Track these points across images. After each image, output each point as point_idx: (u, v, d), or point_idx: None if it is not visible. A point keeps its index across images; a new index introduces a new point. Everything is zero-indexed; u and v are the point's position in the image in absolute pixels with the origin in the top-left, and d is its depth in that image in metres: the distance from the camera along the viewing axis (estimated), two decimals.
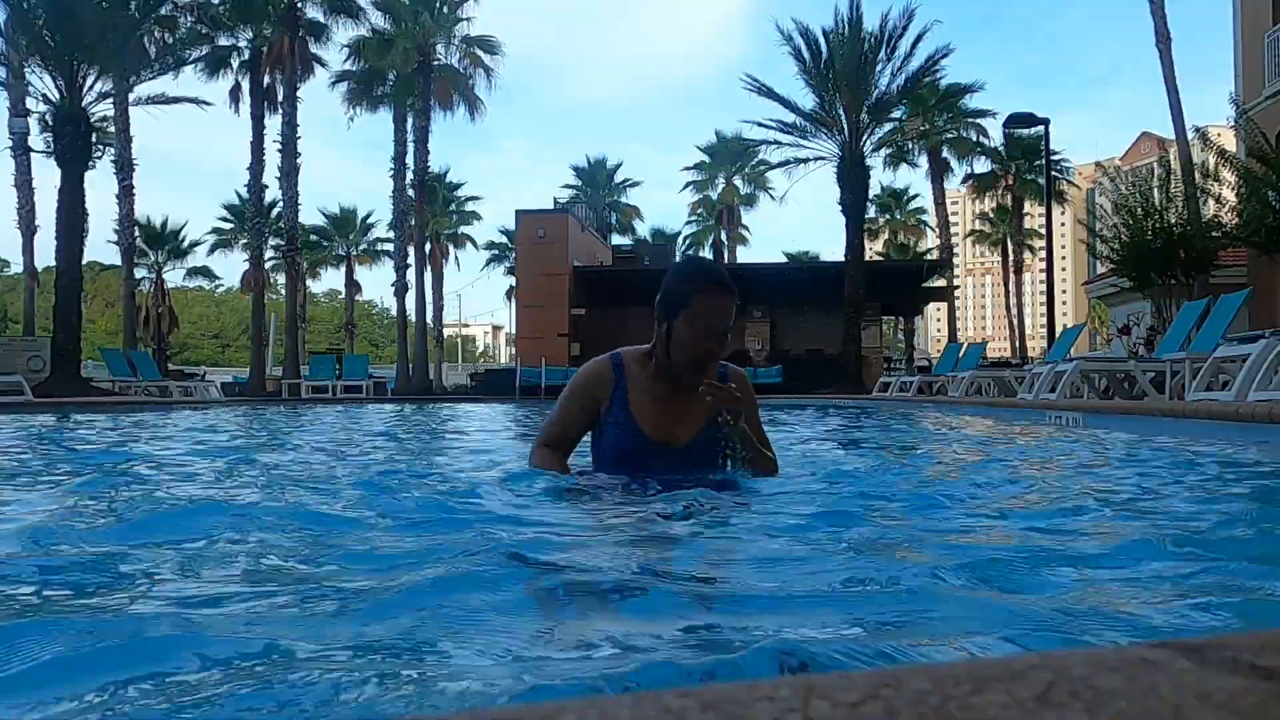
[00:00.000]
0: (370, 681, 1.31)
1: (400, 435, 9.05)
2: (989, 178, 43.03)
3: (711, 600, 1.72)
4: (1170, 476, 4.19)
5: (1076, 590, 1.84)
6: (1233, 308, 9.66)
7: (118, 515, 3.18)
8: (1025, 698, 0.50)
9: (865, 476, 4.00)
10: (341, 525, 2.75)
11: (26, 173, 26.61)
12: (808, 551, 2.20)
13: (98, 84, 20.87)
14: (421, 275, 33.26)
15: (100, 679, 1.40)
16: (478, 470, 4.35)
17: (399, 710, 1.20)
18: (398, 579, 1.94)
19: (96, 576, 2.20)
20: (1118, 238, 18.94)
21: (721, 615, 1.59)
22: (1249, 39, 20.10)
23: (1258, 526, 2.66)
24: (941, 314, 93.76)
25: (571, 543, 2.31)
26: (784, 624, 1.50)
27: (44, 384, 18.27)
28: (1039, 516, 2.87)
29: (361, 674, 1.35)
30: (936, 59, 25.40)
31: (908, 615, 1.62)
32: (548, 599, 1.74)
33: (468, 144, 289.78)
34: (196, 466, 5.05)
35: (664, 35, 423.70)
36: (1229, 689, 0.52)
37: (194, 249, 41.58)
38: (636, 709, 0.50)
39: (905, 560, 2.21)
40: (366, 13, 29.90)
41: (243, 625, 1.71)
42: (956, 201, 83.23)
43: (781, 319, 31.59)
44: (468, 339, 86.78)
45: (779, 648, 1.26)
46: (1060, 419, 8.97)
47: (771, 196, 48.85)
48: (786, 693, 0.51)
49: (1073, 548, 2.34)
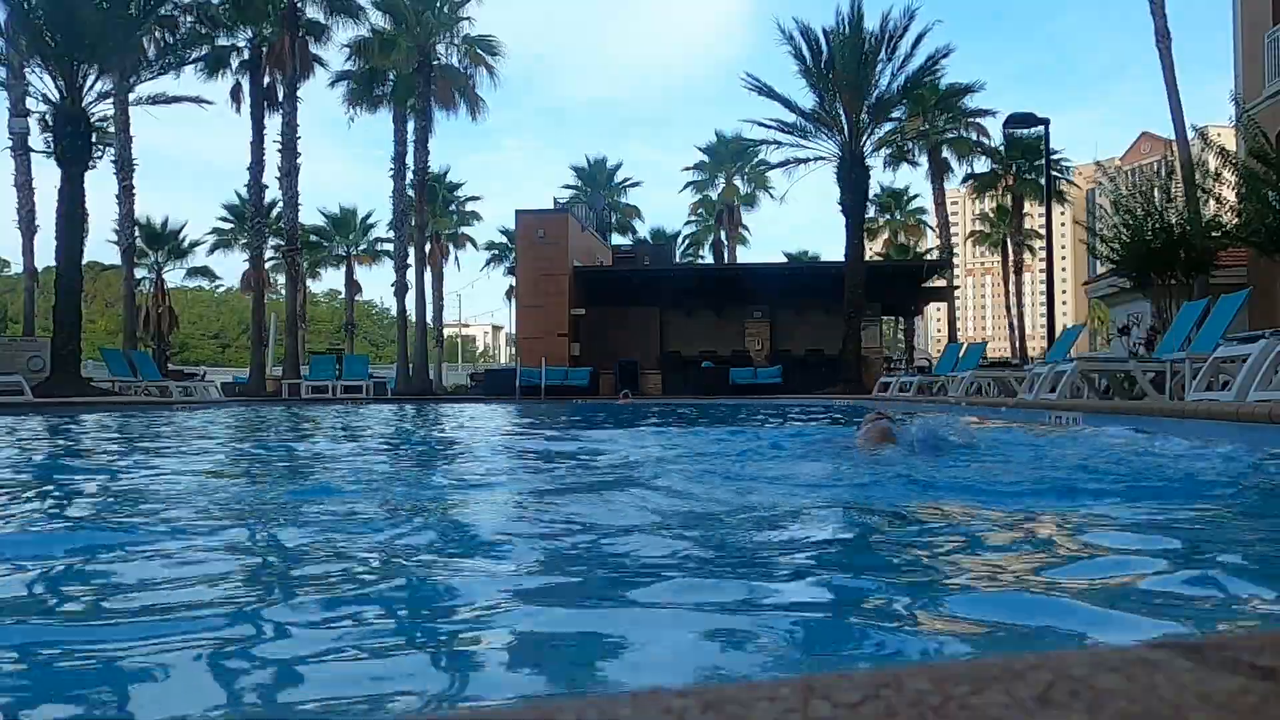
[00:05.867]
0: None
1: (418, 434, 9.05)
2: (989, 178, 43.00)
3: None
4: (1170, 477, 4.19)
5: (1076, 590, 1.84)
6: (1233, 308, 9.65)
7: (115, 514, 3.18)
8: (1025, 698, 0.50)
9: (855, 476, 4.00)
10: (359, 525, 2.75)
11: (26, 173, 26.59)
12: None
13: (98, 84, 20.84)
14: (421, 275, 33.24)
15: (98, 677, 1.40)
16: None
17: (399, 710, 1.20)
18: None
19: (88, 573, 2.20)
20: (1118, 238, 18.93)
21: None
22: (1249, 39, 20.08)
23: (1257, 526, 2.66)
24: (941, 314, 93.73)
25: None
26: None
27: (44, 384, 18.26)
28: (1038, 517, 2.87)
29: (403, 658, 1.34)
30: (937, 59, 25.39)
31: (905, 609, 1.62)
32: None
33: (468, 144, 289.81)
34: (198, 465, 5.05)
35: (664, 34, 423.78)
36: (1229, 689, 0.52)
37: (194, 249, 41.53)
38: (636, 709, 0.50)
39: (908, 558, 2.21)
40: (367, 12, 29.92)
41: (241, 623, 1.71)
42: (956, 201, 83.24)
43: (781, 319, 31.58)
44: (468, 339, 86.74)
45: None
46: (1060, 419, 8.96)
47: (771, 196, 48.81)
48: (786, 693, 0.51)
49: (1072, 548, 2.34)
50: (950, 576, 2.08)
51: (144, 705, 1.32)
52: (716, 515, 3.08)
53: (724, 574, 2.13)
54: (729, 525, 2.91)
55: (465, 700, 1.28)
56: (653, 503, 3.37)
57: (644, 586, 1.99)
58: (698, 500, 3.46)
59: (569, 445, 7.16)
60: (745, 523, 2.95)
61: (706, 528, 2.85)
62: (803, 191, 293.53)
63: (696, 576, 2.09)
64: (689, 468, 4.82)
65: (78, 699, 1.34)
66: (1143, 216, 18.35)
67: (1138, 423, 7.42)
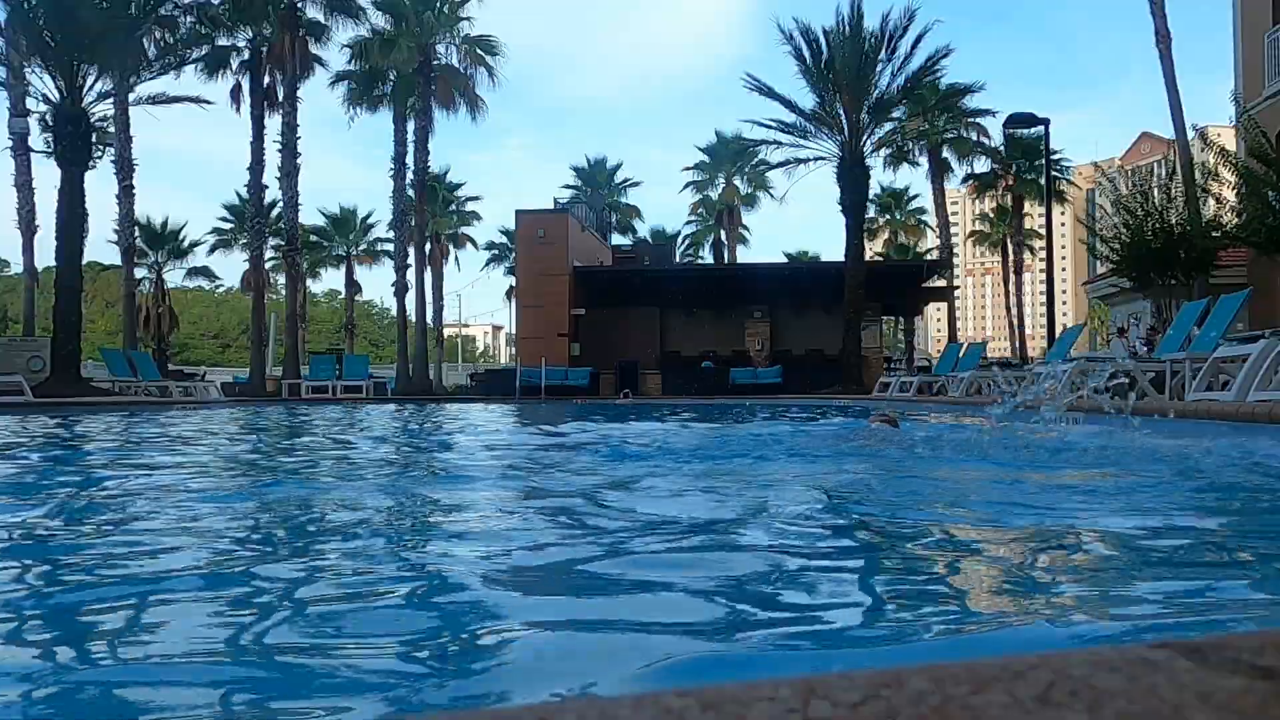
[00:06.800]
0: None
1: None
2: (989, 178, 43.01)
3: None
4: (1170, 477, 4.18)
5: (1075, 590, 1.84)
6: (1233, 308, 9.66)
7: (115, 512, 3.18)
8: (1025, 698, 0.50)
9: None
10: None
11: (26, 173, 26.58)
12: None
13: (98, 84, 20.85)
14: (421, 275, 33.24)
15: (97, 673, 1.40)
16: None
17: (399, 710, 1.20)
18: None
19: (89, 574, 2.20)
20: (1118, 238, 18.94)
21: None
22: (1249, 39, 20.08)
23: (1256, 526, 2.66)
24: (941, 314, 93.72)
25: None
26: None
27: (44, 384, 18.26)
28: (1040, 512, 2.87)
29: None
30: (937, 59, 25.39)
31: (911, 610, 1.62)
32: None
33: (468, 144, 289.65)
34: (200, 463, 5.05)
35: (665, 34, 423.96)
36: (1229, 689, 0.51)
37: (194, 249, 41.53)
38: (636, 709, 0.50)
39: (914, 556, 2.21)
40: (367, 12, 29.92)
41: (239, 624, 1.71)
42: (956, 201, 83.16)
43: (781, 319, 31.58)
44: (468, 339, 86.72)
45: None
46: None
47: (771, 196, 48.74)
48: (786, 693, 0.51)
49: (1071, 547, 2.34)
50: (950, 576, 2.08)
51: (144, 706, 1.33)
52: (721, 509, 3.08)
53: (724, 574, 2.13)
54: (730, 523, 2.91)
55: (466, 700, 1.28)
56: (654, 499, 3.37)
57: (645, 585, 1.99)
58: (697, 498, 3.46)
59: (582, 438, 7.16)
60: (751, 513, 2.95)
61: (712, 523, 2.85)
62: (803, 191, 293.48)
63: (697, 575, 2.10)
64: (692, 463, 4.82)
65: (77, 699, 1.35)
66: (1143, 216, 18.36)
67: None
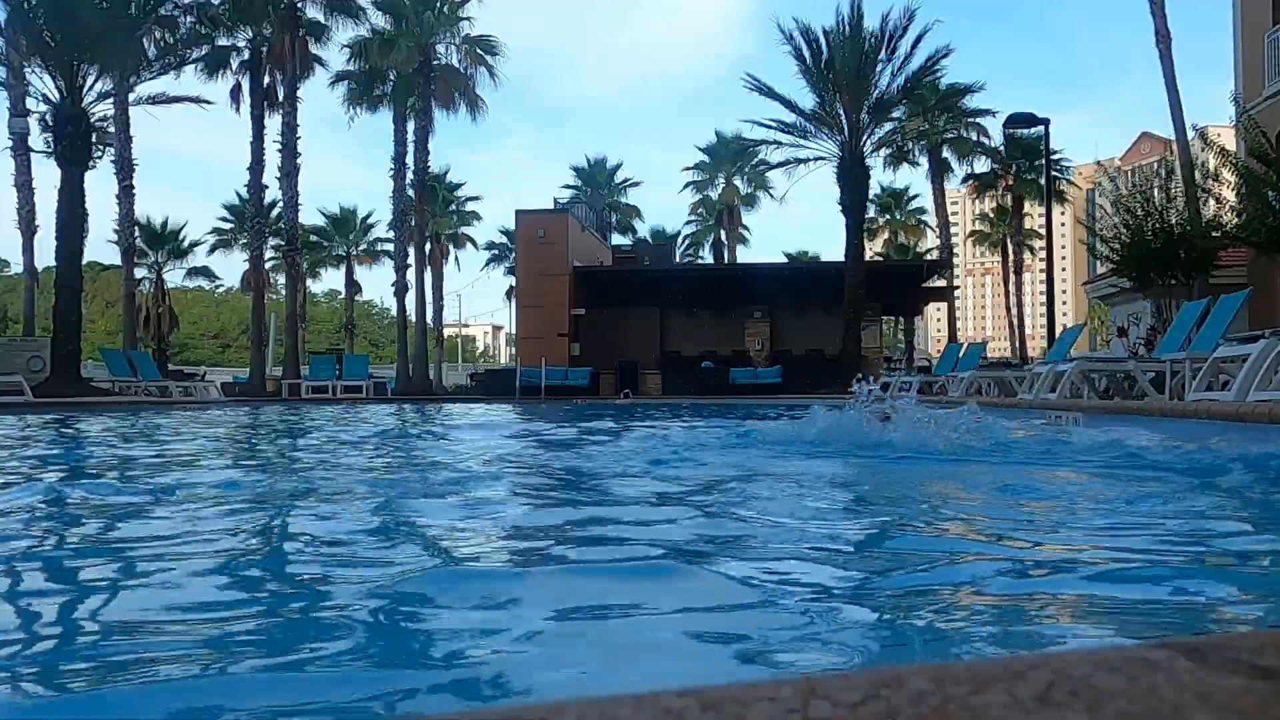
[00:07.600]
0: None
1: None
2: (989, 178, 43.01)
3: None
4: (1170, 476, 4.18)
5: (1075, 589, 1.84)
6: (1233, 308, 9.65)
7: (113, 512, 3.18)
8: (1025, 698, 0.50)
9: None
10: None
11: (26, 173, 26.57)
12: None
13: (98, 84, 20.85)
14: (421, 275, 33.23)
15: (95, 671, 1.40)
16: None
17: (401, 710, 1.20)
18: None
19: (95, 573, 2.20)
20: (1118, 238, 18.94)
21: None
22: (1249, 39, 20.08)
23: (1256, 527, 2.66)
24: (941, 314, 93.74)
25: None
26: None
27: (44, 384, 18.26)
28: (1038, 515, 2.86)
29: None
30: (936, 59, 25.41)
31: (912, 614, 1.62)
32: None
33: (468, 144, 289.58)
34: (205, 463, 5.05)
35: (665, 34, 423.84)
36: (1229, 689, 0.51)
37: (194, 249, 41.52)
38: (637, 709, 0.50)
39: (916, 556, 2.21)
40: (367, 12, 29.92)
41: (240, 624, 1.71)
42: (956, 201, 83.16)
43: (781, 319, 31.57)
44: (468, 339, 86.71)
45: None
46: (1060, 419, 8.96)
47: (771, 196, 48.71)
48: (787, 693, 0.51)
49: (1070, 547, 2.34)
50: (948, 575, 2.08)
51: (144, 705, 1.32)
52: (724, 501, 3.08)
53: (723, 571, 2.13)
54: (730, 520, 2.91)
55: (465, 700, 1.28)
56: (658, 491, 3.36)
57: (646, 585, 1.99)
58: (698, 493, 3.46)
59: (586, 433, 7.16)
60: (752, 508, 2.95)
61: (713, 520, 2.85)
62: (803, 191, 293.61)
63: (695, 574, 2.10)
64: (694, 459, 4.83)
65: (77, 699, 1.35)
66: (1143, 216, 18.36)
67: (1138, 423, 7.42)
